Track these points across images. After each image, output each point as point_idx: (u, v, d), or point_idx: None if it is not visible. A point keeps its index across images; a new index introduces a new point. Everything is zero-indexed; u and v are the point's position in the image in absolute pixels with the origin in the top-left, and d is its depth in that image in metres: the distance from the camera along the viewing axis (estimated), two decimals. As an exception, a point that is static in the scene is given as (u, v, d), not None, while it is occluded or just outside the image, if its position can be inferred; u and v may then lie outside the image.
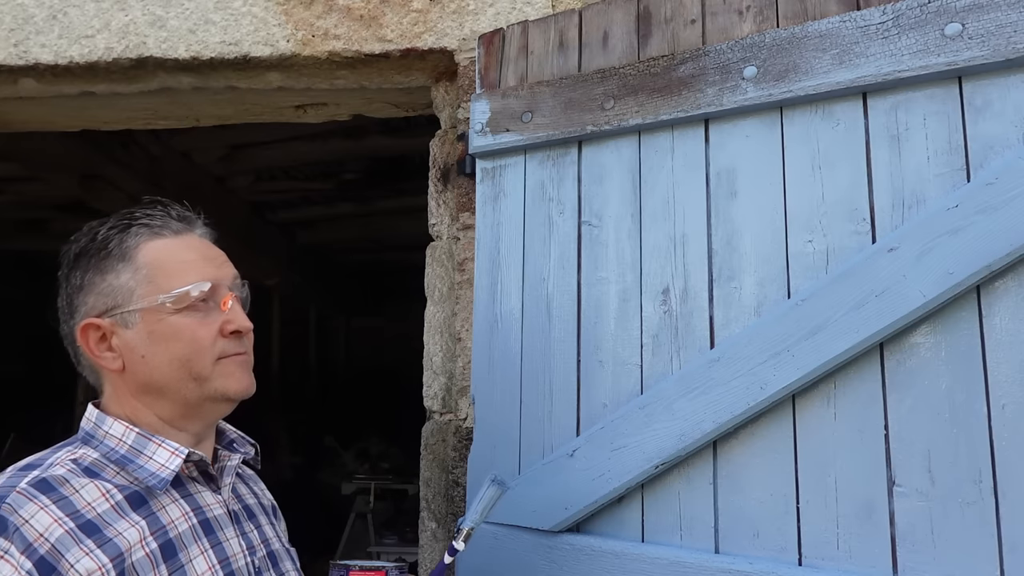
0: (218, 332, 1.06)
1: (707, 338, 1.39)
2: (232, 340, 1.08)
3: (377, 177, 5.15)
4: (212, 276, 1.08)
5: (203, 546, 1.02)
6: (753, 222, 1.38)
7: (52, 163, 4.03)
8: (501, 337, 1.61)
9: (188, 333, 1.05)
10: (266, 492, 1.28)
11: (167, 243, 1.08)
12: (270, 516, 1.22)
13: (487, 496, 1.27)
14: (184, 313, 1.05)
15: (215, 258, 1.11)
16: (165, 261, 1.07)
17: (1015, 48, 1.19)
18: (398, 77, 1.99)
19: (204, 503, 1.07)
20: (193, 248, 1.10)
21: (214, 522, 1.06)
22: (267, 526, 1.18)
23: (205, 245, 1.12)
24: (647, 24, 1.54)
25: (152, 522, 0.98)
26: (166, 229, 1.09)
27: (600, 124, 1.53)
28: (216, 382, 1.06)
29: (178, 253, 1.08)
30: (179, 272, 1.06)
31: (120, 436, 1.04)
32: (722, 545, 1.34)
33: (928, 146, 1.26)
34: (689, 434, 1.35)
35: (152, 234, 1.08)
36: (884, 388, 1.24)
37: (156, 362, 1.05)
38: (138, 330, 1.05)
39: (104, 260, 1.06)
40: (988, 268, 1.16)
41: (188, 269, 1.06)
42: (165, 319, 1.04)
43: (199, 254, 1.09)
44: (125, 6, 1.99)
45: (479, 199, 1.68)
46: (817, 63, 1.33)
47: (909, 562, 1.19)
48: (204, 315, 1.06)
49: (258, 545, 1.12)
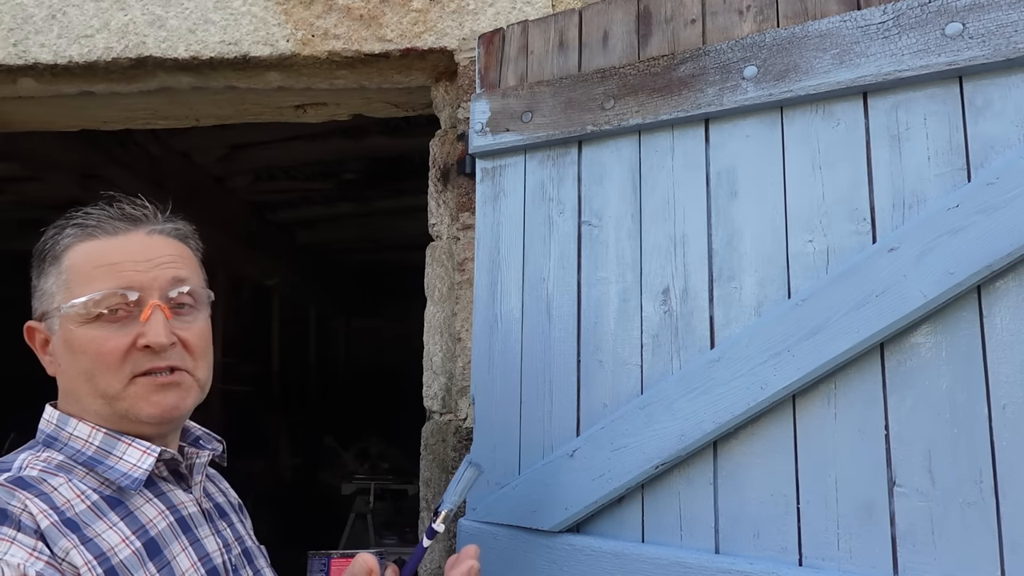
0: (131, 346, 0.97)
1: (707, 338, 1.39)
2: (146, 355, 0.97)
3: (377, 177, 5.15)
4: (131, 282, 0.98)
5: (183, 543, 1.00)
6: (753, 222, 1.38)
7: (51, 163, 4.03)
8: (501, 337, 1.61)
9: (93, 347, 0.97)
10: (230, 490, 1.24)
11: (94, 246, 1.01)
12: (239, 514, 1.20)
13: (465, 477, 1.28)
14: (95, 324, 0.97)
15: (150, 260, 1.00)
16: (82, 266, 0.99)
17: (1016, 48, 1.19)
18: (398, 77, 1.99)
19: (178, 501, 1.04)
20: (123, 251, 1.00)
21: (189, 520, 1.04)
22: (238, 524, 1.16)
23: (146, 246, 1.02)
24: (647, 24, 1.54)
25: (131, 522, 0.96)
26: (99, 229, 1.01)
27: (600, 124, 1.53)
28: (126, 403, 0.98)
29: (100, 256, 0.99)
30: (91, 278, 0.98)
31: (86, 437, 0.99)
32: (722, 545, 1.34)
33: (928, 146, 1.26)
34: (689, 434, 1.35)
35: (83, 235, 1.01)
36: (884, 388, 1.24)
37: (70, 373, 1.00)
38: (58, 337, 1.00)
39: (42, 263, 1.03)
40: (989, 268, 1.16)
41: (102, 275, 0.98)
42: (74, 330, 0.98)
43: (127, 256, 1.00)
44: (124, 6, 1.99)
45: (479, 199, 1.68)
46: (817, 63, 1.33)
47: (910, 562, 1.19)
48: (120, 327, 0.97)
49: (232, 543, 1.10)
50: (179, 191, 4.55)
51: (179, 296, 1.01)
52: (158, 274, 1.00)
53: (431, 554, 1.74)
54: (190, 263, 1.07)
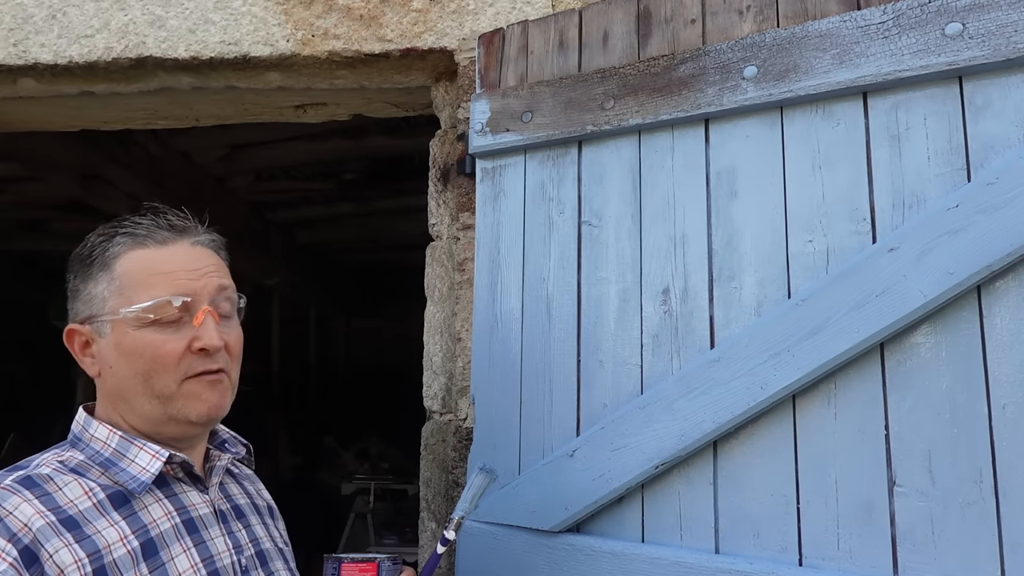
0: (186, 349, 1.03)
1: (707, 338, 1.39)
2: (200, 358, 1.03)
3: (377, 177, 5.15)
4: (185, 290, 1.04)
5: (185, 545, 1.02)
6: (753, 222, 1.38)
7: (52, 163, 4.03)
8: (501, 337, 1.61)
9: (151, 349, 1.02)
10: (263, 492, 1.27)
11: (146, 254, 1.06)
12: (264, 516, 1.22)
13: (476, 484, 1.29)
14: (151, 328, 1.02)
15: (198, 269, 1.07)
16: (137, 273, 1.04)
17: (1015, 48, 1.19)
18: (398, 77, 1.99)
19: (189, 503, 1.07)
20: (174, 259, 1.06)
21: (198, 521, 1.06)
22: (258, 526, 1.18)
23: (192, 255, 1.08)
24: (647, 24, 1.54)
25: (133, 521, 0.99)
26: (150, 239, 1.06)
27: (600, 124, 1.53)
28: (178, 403, 1.03)
29: (154, 264, 1.05)
30: (148, 285, 1.03)
31: (104, 439, 1.04)
32: (722, 545, 1.34)
33: (928, 146, 1.26)
34: (689, 434, 1.35)
35: (134, 244, 1.06)
36: (884, 388, 1.24)
37: (122, 375, 1.04)
38: (108, 340, 1.04)
39: (89, 268, 1.06)
40: (988, 268, 1.16)
41: (159, 282, 1.03)
42: (130, 333, 1.03)
43: (179, 266, 1.06)
44: (124, 6, 1.99)
45: (479, 199, 1.68)
46: (817, 63, 1.33)
47: (910, 562, 1.19)
48: (175, 331, 1.03)
49: (246, 544, 1.12)
50: (179, 191, 4.55)
51: (223, 303, 1.08)
52: (207, 282, 1.06)
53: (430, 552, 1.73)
54: (227, 273, 1.13)
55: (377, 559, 1.22)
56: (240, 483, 1.22)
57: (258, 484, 1.29)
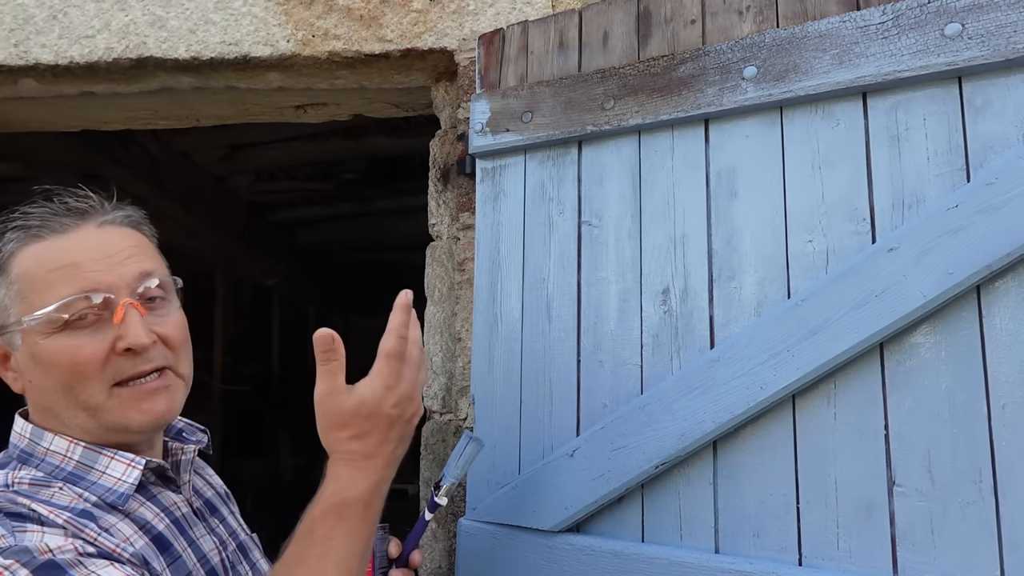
0: (109, 351, 0.89)
1: (707, 338, 1.39)
2: (129, 359, 0.89)
3: (377, 177, 5.15)
4: (96, 283, 0.88)
5: (182, 545, 0.95)
6: (753, 222, 1.38)
7: (52, 163, 4.03)
8: (501, 337, 1.61)
9: (66, 357, 0.87)
10: (215, 477, 1.17)
11: (43, 248, 0.90)
12: (229, 505, 1.15)
13: (466, 453, 1.27)
14: (64, 332, 0.87)
15: (111, 256, 0.91)
16: (35, 272, 0.89)
17: (1015, 48, 1.19)
18: (398, 77, 1.99)
19: (170, 503, 0.98)
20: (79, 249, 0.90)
21: (184, 521, 0.99)
22: (229, 517, 1.11)
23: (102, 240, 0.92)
24: (647, 24, 1.54)
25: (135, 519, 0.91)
26: (45, 228, 0.91)
27: (600, 124, 1.53)
28: (112, 413, 0.90)
29: (55, 258, 0.89)
30: (50, 284, 0.88)
31: (64, 452, 0.91)
32: (722, 545, 1.34)
33: (928, 146, 1.26)
34: (689, 434, 1.35)
35: (28, 237, 0.91)
36: (884, 388, 1.24)
37: (43, 388, 0.90)
38: (22, 352, 0.91)
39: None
40: (988, 268, 1.16)
41: (62, 279, 0.88)
42: (40, 343, 0.88)
43: (85, 255, 0.90)
44: (125, 6, 1.99)
45: (479, 199, 1.69)
46: (817, 63, 1.33)
47: (909, 562, 1.19)
48: (92, 332, 0.88)
49: (227, 539, 1.06)
50: (179, 191, 4.55)
51: (148, 290, 0.93)
52: (123, 271, 0.91)
53: (431, 553, 1.74)
54: (151, 252, 0.98)
55: None
56: (199, 473, 1.12)
57: (208, 469, 1.17)
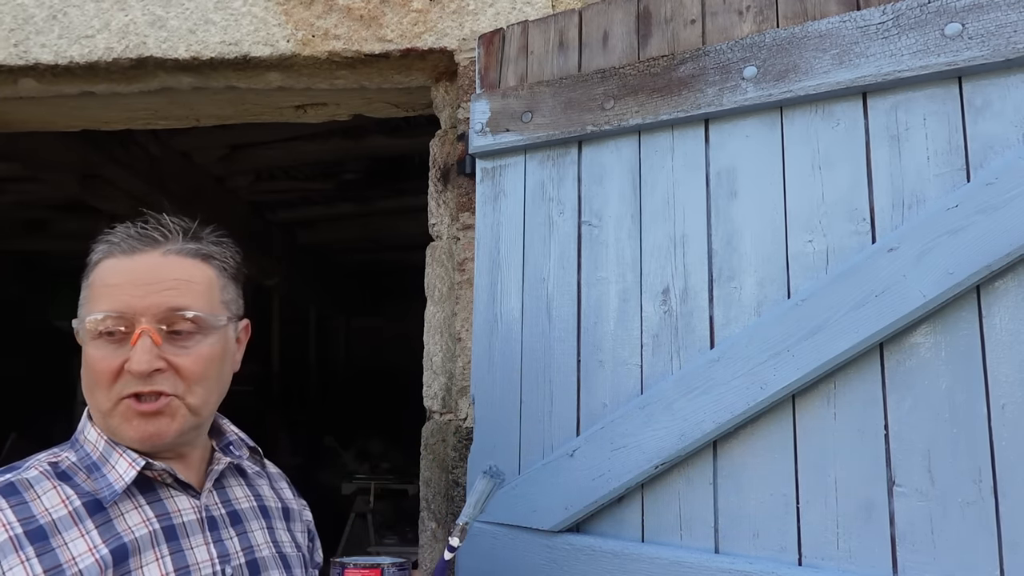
0: (120, 368, 0.98)
1: (707, 338, 1.39)
2: (133, 379, 0.98)
3: (377, 177, 5.15)
4: (123, 307, 0.98)
5: (159, 553, 0.98)
6: (753, 222, 1.38)
7: (52, 163, 4.03)
8: (501, 337, 1.61)
9: (92, 364, 1.00)
10: (282, 492, 1.23)
11: (111, 264, 1.02)
12: (273, 519, 1.16)
13: (479, 489, 1.25)
14: (99, 341, 0.99)
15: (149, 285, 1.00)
16: (98, 283, 1.02)
17: (1015, 48, 1.19)
18: (398, 77, 1.99)
19: (174, 508, 1.03)
20: (128, 272, 1.01)
21: (179, 528, 1.02)
22: (259, 531, 1.12)
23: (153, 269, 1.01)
24: (647, 24, 1.54)
25: (106, 529, 0.96)
26: (118, 248, 1.03)
27: (600, 124, 1.53)
28: (114, 421, 1.00)
29: (111, 276, 1.01)
30: (99, 297, 1.01)
31: (93, 442, 1.02)
32: (722, 545, 1.34)
33: (928, 146, 1.26)
34: (689, 434, 1.35)
35: (107, 252, 1.03)
36: (884, 388, 1.24)
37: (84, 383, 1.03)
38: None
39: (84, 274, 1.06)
40: (988, 268, 1.16)
41: (105, 296, 1.00)
42: (87, 342, 1.01)
43: (128, 279, 1.00)
44: (125, 6, 1.99)
45: (479, 199, 1.69)
46: (817, 63, 1.33)
47: (909, 562, 1.19)
48: (115, 348, 0.99)
49: (235, 553, 1.06)
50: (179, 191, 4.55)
51: (176, 323, 1.00)
52: (154, 300, 0.99)
53: (431, 553, 1.74)
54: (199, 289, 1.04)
55: (381, 565, 1.18)
56: (252, 485, 1.17)
57: (280, 483, 1.24)
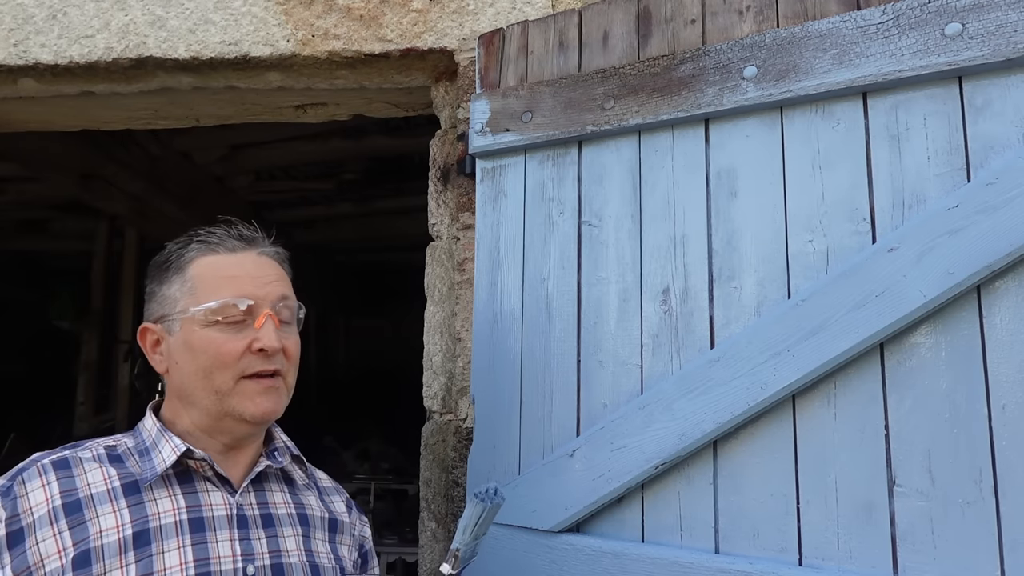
0: (245, 349, 1.10)
1: (707, 338, 1.39)
2: (258, 358, 1.10)
3: (377, 177, 5.16)
4: (249, 294, 1.12)
5: (182, 542, 1.04)
6: (753, 222, 1.38)
7: (52, 163, 4.03)
8: (501, 337, 1.61)
9: (213, 347, 1.09)
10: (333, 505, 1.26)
11: (217, 259, 1.14)
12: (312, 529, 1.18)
13: (468, 514, 1.20)
14: (216, 327, 1.10)
15: (263, 277, 1.14)
16: (207, 276, 1.13)
17: (1015, 48, 1.19)
18: (398, 77, 1.99)
19: (207, 502, 1.09)
20: (241, 266, 1.14)
21: (208, 522, 1.08)
22: (292, 538, 1.14)
23: (258, 264, 1.16)
24: (647, 24, 1.54)
25: (136, 511, 1.04)
26: (221, 246, 1.15)
27: (600, 124, 1.53)
28: (233, 399, 1.10)
29: (223, 269, 1.13)
30: (216, 287, 1.11)
31: (148, 429, 1.13)
32: (722, 545, 1.34)
33: (928, 146, 1.26)
34: (689, 434, 1.35)
35: (207, 250, 1.15)
36: (884, 388, 1.24)
37: (186, 369, 1.11)
38: (177, 337, 1.12)
39: (164, 272, 1.16)
40: (988, 268, 1.16)
41: (226, 285, 1.11)
42: (197, 331, 1.10)
43: (245, 272, 1.14)
44: (125, 6, 1.99)
45: (479, 199, 1.68)
46: (817, 63, 1.33)
47: (909, 562, 1.19)
48: (236, 331, 1.10)
49: (260, 554, 1.09)
50: (179, 191, 4.55)
51: (282, 311, 1.16)
52: (269, 290, 1.14)
53: (431, 553, 1.74)
54: (289, 284, 1.21)
55: None
56: (296, 494, 1.21)
57: (333, 496, 1.28)
